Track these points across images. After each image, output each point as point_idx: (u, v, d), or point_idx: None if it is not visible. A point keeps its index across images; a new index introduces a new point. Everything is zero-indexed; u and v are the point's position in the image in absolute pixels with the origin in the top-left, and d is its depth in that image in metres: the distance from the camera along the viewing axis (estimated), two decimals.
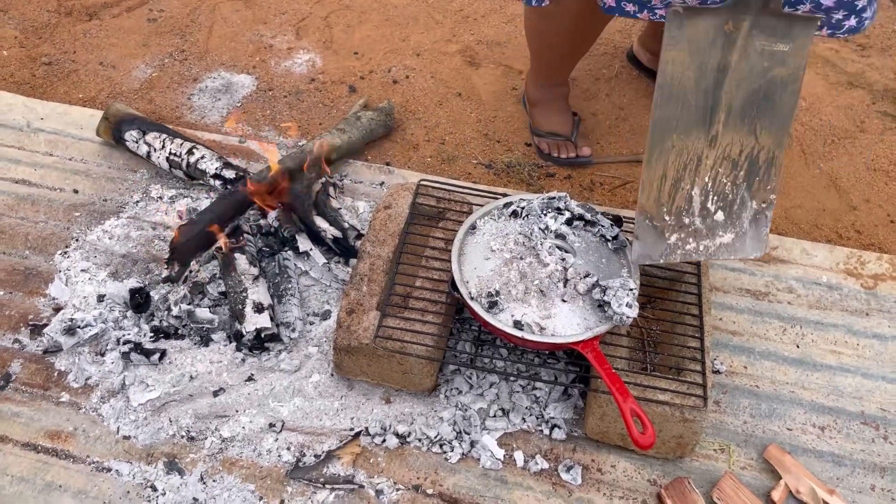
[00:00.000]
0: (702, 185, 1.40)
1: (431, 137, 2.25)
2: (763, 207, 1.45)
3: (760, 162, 1.41)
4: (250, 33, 2.56)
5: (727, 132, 1.37)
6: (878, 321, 1.81)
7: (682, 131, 1.35)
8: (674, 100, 1.32)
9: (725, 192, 1.42)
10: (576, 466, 1.54)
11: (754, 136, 1.38)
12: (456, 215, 1.75)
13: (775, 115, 1.38)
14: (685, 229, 1.42)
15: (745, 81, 1.33)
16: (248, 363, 1.66)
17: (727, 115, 1.36)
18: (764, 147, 1.40)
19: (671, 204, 1.39)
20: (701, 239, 1.43)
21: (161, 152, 1.97)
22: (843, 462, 1.58)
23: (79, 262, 1.83)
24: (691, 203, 1.40)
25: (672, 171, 1.37)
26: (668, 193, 1.39)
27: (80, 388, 1.63)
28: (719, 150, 1.38)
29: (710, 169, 1.39)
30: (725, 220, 1.43)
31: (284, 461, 1.54)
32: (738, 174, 1.41)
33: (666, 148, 1.36)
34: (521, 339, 1.44)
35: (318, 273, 1.81)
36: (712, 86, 1.33)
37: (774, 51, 1.31)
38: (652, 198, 1.38)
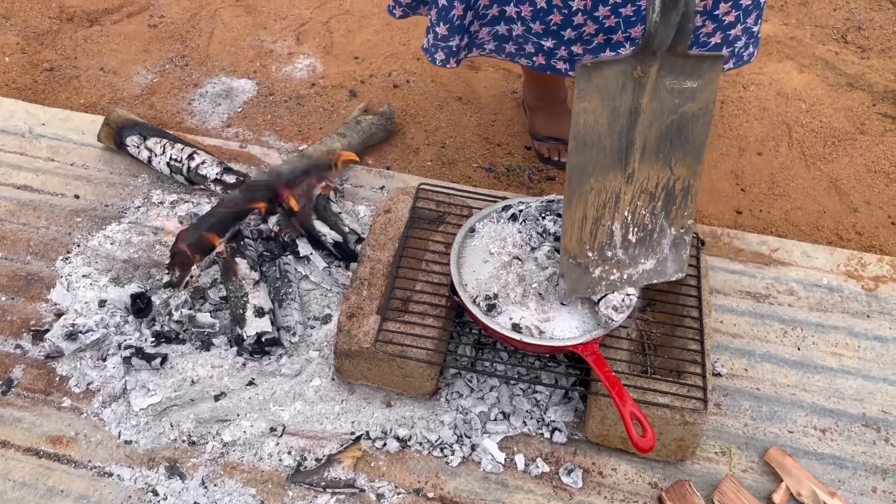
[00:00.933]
0: (621, 219, 1.44)
1: (431, 141, 2.26)
2: (682, 233, 1.49)
3: (677, 192, 1.45)
4: (251, 38, 2.57)
5: (643, 168, 1.40)
6: (879, 323, 1.81)
7: (599, 174, 1.38)
8: (588, 147, 1.34)
9: (645, 222, 1.46)
10: (576, 470, 1.54)
11: (669, 168, 1.42)
12: (456, 219, 1.75)
13: (688, 147, 1.41)
14: (608, 262, 1.46)
15: (657, 120, 1.36)
16: (249, 367, 1.67)
17: (642, 152, 1.38)
18: (679, 177, 1.43)
19: (593, 241, 1.43)
20: (624, 269, 1.47)
21: (162, 157, 1.98)
22: (845, 464, 1.58)
23: (80, 268, 1.84)
24: (612, 237, 1.44)
25: (592, 211, 1.41)
26: (589, 232, 1.42)
27: (82, 393, 1.63)
28: (636, 185, 1.41)
29: (629, 203, 1.43)
30: (647, 249, 1.48)
31: (285, 465, 1.54)
32: (656, 205, 1.45)
33: (584, 191, 1.39)
34: (520, 342, 1.44)
35: (318, 277, 1.82)
36: (626, 128, 1.35)
37: (684, 88, 1.34)
38: (574, 238, 1.42)
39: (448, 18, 1.64)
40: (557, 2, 1.58)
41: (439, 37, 1.69)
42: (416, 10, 1.84)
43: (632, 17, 1.57)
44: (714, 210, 2.08)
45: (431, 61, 1.76)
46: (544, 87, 2.15)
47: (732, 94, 2.41)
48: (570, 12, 1.59)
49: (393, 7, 1.84)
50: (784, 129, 2.31)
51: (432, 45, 1.73)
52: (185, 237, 1.72)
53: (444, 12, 1.63)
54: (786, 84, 2.45)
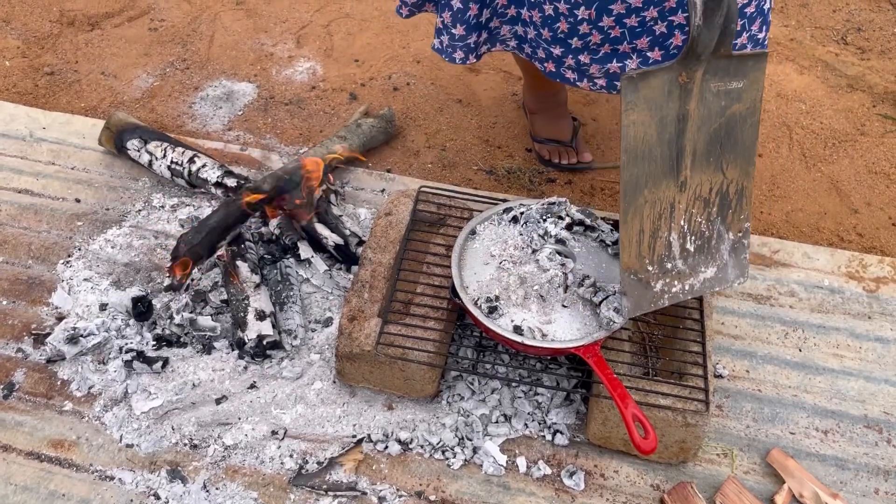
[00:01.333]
0: (678, 229, 1.42)
1: (432, 144, 2.26)
2: (739, 237, 1.48)
3: (731, 195, 1.44)
4: (251, 42, 2.57)
5: (695, 174, 1.39)
6: (880, 324, 1.80)
7: (652, 185, 1.37)
8: (640, 159, 1.33)
9: (702, 230, 1.44)
10: (578, 472, 1.54)
11: (721, 172, 1.41)
12: (457, 221, 1.75)
13: (739, 149, 1.40)
14: (669, 274, 1.44)
15: (705, 124, 1.36)
16: (250, 371, 1.67)
17: (693, 159, 1.38)
18: (732, 181, 1.43)
19: (652, 255, 1.42)
20: (685, 279, 1.46)
21: (163, 161, 1.98)
22: (847, 466, 1.58)
23: (81, 272, 1.84)
24: (671, 248, 1.43)
25: (648, 224, 1.39)
26: (647, 245, 1.41)
27: (83, 396, 1.63)
28: (690, 192, 1.40)
29: (685, 212, 1.41)
30: (706, 257, 1.46)
31: (287, 468, 1.54)
32: (712, 211, 1.43)
33: (639, 204, 1.37)
34: (522, 344, 1.44)
35: (319, 280, 1.82)
36: (675, 135, 1.34)
37: (730, 89, 1.34)
38: (633, 254, 1.40)
39: (465, 20, 1.65)
40: (564, 10, 1.58)
41: (457, 37, 1.69)
42: (423, 7, 1.85)
43: (637, 29, 1.57)
44: None
45: (450, 61, 1.76)
46: (544, 90, 2.15)
47: None
48: (575, 21, 1.59)
49: (400, 7, 1.85)
50: (784, 130, 2.31)
51: (448, 45, 1.73)
52: (186, 240, 1.72)
53: (459, 14, 1.64)
54: (786, 85, 2.45)
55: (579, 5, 1.56)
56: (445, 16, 1.67)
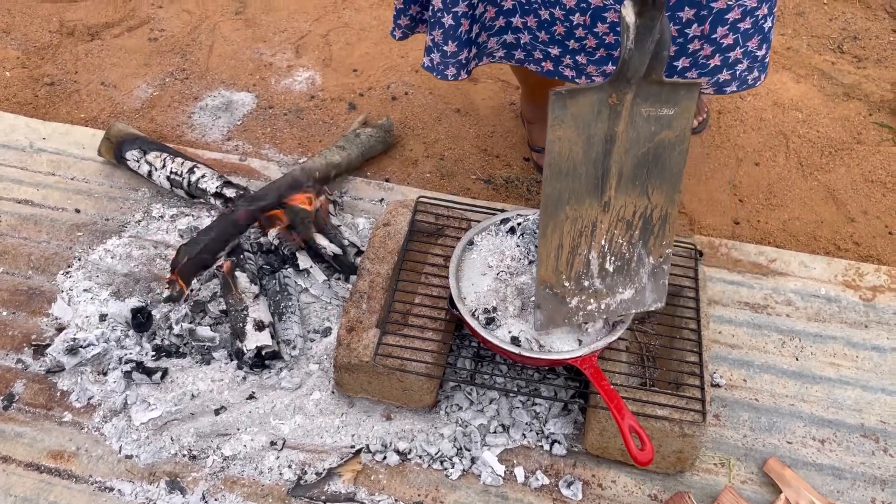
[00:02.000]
0: (598, 248, 1.44)
1: (430, 153, 2.27)
2: (660, 262, 1.49)
3: (654, 220, 1.44)
4: (250, 52, 2.58)
5: (620, 196, 1.40)
6: (876, 333, 1.81)
7: (574, 202, 1.38)
8: (564, 175, 1.35)
9: (622, 251, 1.45)
10: (576, 482, 1.54)
11: (646, 196, 1.42)
12: (455, 231, 1.76)
13: (666, 175, 1.41)
14: (585, 292, 1.46)
15: (633, 147, 1.36)
16: (249, 381, 1.67)
17: (618, 180, 1.38)
18: (657, 206, 1.43)
19: (570, 270, 1.43)
20: (602, 299, 1.47)
21: (162, 171, 1.99)
22: (844, 475, 1.58)
23: (81, 282, 1.84)
24: (589, 267, 1.44)
25: (568, 241, 1.41)
26: (565, 261, 1.42)
27: (83, 407, 1.64)
28: (613, 213, 1.41)
29: (606, 232, 1.43)
30: (625, 278, 1.47)
31: (286, 479, 1.54)
32: (634, 233, 1.44)
33: (560, 220, 1.39)
34: (519, 355, 1.45)
35: (318, 290, 1.82)
36: (601, 155, 1.35)
37: (661, 115, 1.34)
38: (550, 268, 1.42)
39: (456, 36, 1.66)
40: (559, 15, 1.59)
41: (448, 54, 1.70)
42: (415, 29, 1.87)
43: None
44: (712, 221, 2.09)
45: (442, 78, 1.77)
46: (542, 100, 2.16)
47: (729, 104, 2.42)
48: (571, 26, 1.60)
49: (394, 30, 1.87)
50: (781, 139, 2.32)
51: (440, 63, 1.74)
52: (185, 251, 1.73)
53: (451, 31, 1.65)
54: (782, 94, 2.46)
55: (574, 12, 1.58)
56: (436, 34, 1.69)
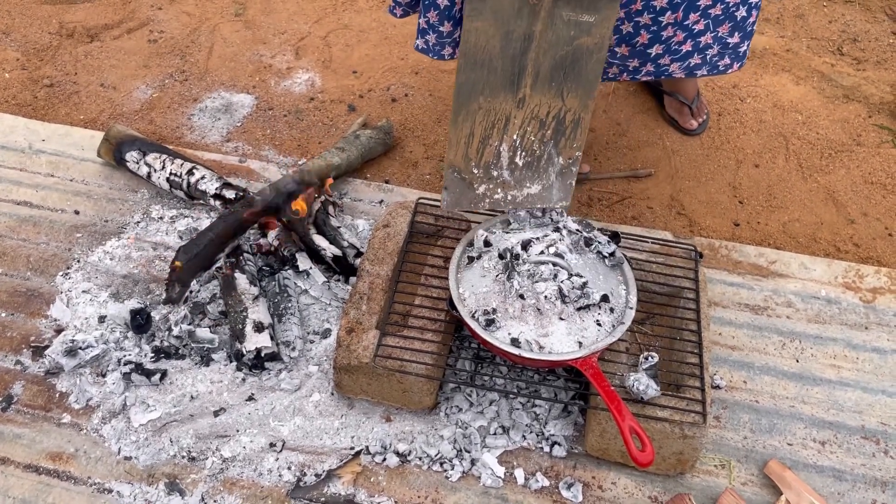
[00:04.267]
0: (510, 142, 1.49)
1: (430, 155, 2.26)
2: (569, 163, 1.55)
3: (567, 122, 1.50)
4: (250, 53, 2.58)
5: (535, 95, 1.45)
6: (877, 335, 1.81)
7: (488, 94, 1.43)
8: (479, 66, 1.39)
9: (533, 148, 1.51)
10: (576, 484, 1.54)
11: (561, 98, 1.47)
12: (454, 233, 1.76)
13: (581, 80, 1.46)
14: (493, 181, 1.52)
15: (551, 49, 1.40)
16: (248, 383, 1.67)
17: (534, 79, 1.43)
18: (571, 109, 1.48)
19: (479, 159, 1.49)
20: (509, 190, 1.53)
21: (161, 173, 1.99)
22: (844, 477, 1.58)
23: (80, 284, 1.84)
24: (499, 158, 1.50)
25: (479, 130, 1.47)
26: (476, 149, 1.48)
27: (82, 409, 1.63)
28: (527, 110, 1.47)
29: (519, 128, 1.48)
30: (533, 174, 1.53)
31: (285, 481, 1.54)
32: (546, 133, 1.50)
33: (472, 109, 1.44)
34: (519, 356, 1.45)
35: (317, 292, 1.82)
36: (518, 53, 1.39)
37: (580, 21, 1.38)
38: (459, 154, 1.48)
39: (451, 16, 1.69)
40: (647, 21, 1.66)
41: (444, 34, 1.73)
42: (415, 8, 1.87)
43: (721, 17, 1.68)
44: (711, 222, 2.09)
45: (438, 58, 1.80)
46: None
47: (729, 106, 2.42)
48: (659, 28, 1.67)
49: (394, 7, 1.88)
50: (781, 140, 2.32)
51: (436, 43, 1.76)
52: (184, 252, 1.72)
53: (446, 11, 1.68)
54: (782, 96, 2.46)
55: (665, 10, 1.63)
56: (431, 15, 1.71)
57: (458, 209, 1.54)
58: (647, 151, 2.28)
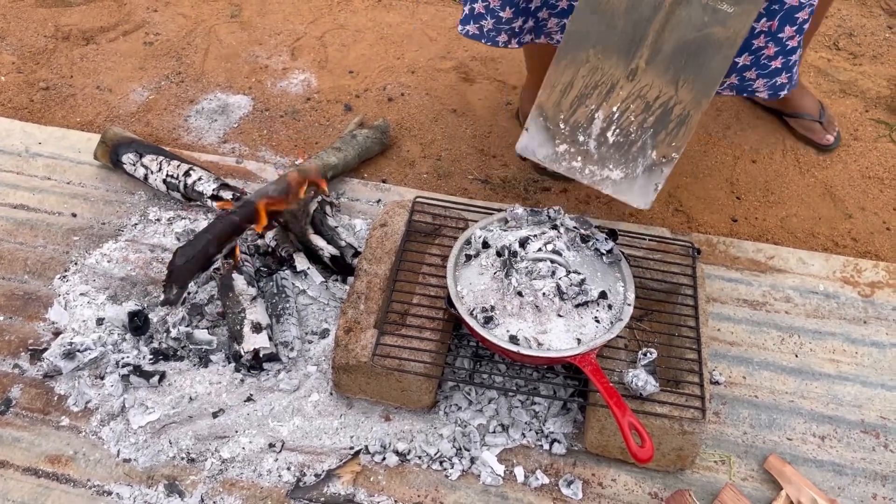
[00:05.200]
0: (608, 112, 1.37)
1: (427, 154, 2.26)
2: (662, 161, 1.41)
3: (673, 115, 1.37)
4: (246, 54, 2.58)
5: (648, 72, 1.34)
6: (875, 329, 1.81)
7: (601, 50, 1.32)
8: (599, 16, 1.29)
9: (630, 129, 1.39)
10: (576, 481, 1.54)
11: (675, 86, 1.35)
12: (452, 231, 1.76)
13: (701, 74, 1.34)
14: (576, 145, 1.40)
15: (679, 29, 1.30)
16: (247, 383, 1.67)
17: (653, 54, 1.32)
18: (682, 102, 1.36)
19: (570, 115, 1.37)
20: (589, 163, 1.41)
21: (158, 174, 1.99)
22: (844, 471, 1.58)
23: (78, 286, 1.84)
24: (591, 124, 1.38)
25: (580, 84, 1.35)
26: (570, 103, 1.36)
27: (80, 411, 1.63)
28: (636, 86, 1.35)
29: (622, 101, 1.36)
30: (620, 157, 1.41)
31: (285, 481, 1.54)
32: (648, 118, 1.37)
33: (580, 59, 1.33)
34: (518, 353, 1.44)
35: (315, 292, 1.82)
36: (644, 19, 1.29)
37: (718, 8, 1.28)
38: (552, 99, 1.36)
39: (513, 3, 1.62)
40: None
41: (503, 20, 1.65)
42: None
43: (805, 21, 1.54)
44: (709, 218, 2.09)
45: (492, 44, 1.74)
46: None
47: (727, 100, 2.42)
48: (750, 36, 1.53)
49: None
50: (778, 136, 2.32)
51: (492, 29, 1.69)
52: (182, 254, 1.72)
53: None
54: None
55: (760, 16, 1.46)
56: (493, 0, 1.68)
57: (532, 158, 1.40)
58: None
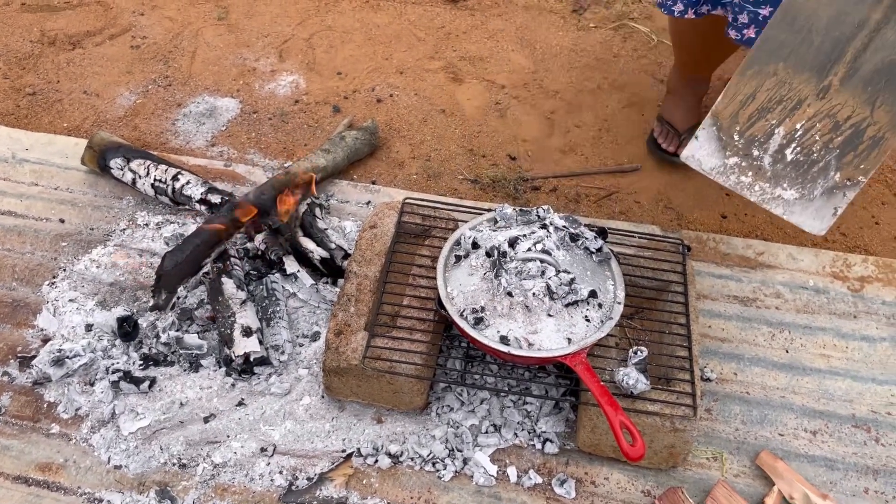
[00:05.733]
0: (790, 128, 1.32)
1: (417, 154, 2.26)
2: (846, 184, 1.34)
3: (865, 137, 1.31)
4: (233, 57, 2.57)
5: (843, 92, 1.29)
6: (865, 323, 1.81)
7: (791, 65, 1.27)
8: (794, 29, 1.24)
9: (813, 148, 1.33)
10: (569, 480, 1.54)
11: (871, 107, 1.29)
12: (442, 232, 1.76)
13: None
14: (749, 160, 1.34)
15: (883, 50, 1.24)
16: (238, 388, 1.66)
17: (849, 74, 1.27)
18: (876, 123, 1.30)
19: (747, 128, 1.33)
20: (761, 179, 1.35)
21: (146, 179, 1.98)
22: (836, 466, 1.58)
23: (66, 293, 1.83)
24: (769, 140, 1.33)
25: (763, 97, 1.30)
26: (748, 116, 1.32)
27: (70, 418, 1.62)
28: (826, 105, 1.30)
29: (808, 119, 1.31)
30: (797, 176, 1.35)
31: (277, 485, 1.53)
32: (835, 138, 1.31)
33: (766, 71, 1.28)
34: (508, 354, 1.44)
35: (306, 295, 1.81)
36: (844, 39, 1.24)
37: None
38: (730, 110, 1.32)
39: None
40: None
41: None
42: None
43: None
44: (699, 215, 2.09)
45: (668, 13, 1.75)
46: (692, 74, 2.17)
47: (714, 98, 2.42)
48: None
49: None
50: None
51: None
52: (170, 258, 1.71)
53: None
54: None
55: None
56: None
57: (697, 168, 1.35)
58: (634, 146, 2.28)
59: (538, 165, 2.23)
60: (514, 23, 2.72)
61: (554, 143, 2.30)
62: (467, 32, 2.68)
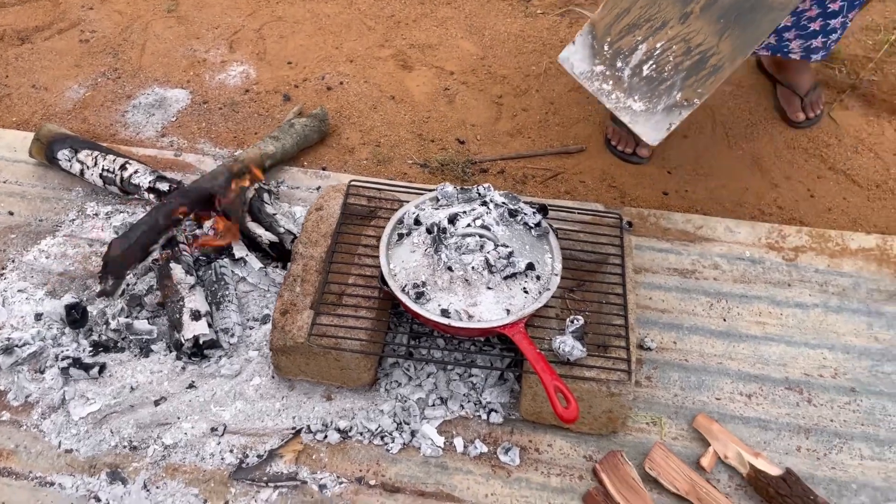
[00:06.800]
0: (650, 47, 1.44)
1: (367, 140, 2.29)
2: (683, 104, 1.48)
3: (708, 64, 1.44)
4: (183, 49, 2.58)
5: (700, 19, 1.40)
6: (799, 291, 1.88)
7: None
8: None
9: (665, 68, 1.45)
10: (514, 448, 1.58)
11: (719, 38, 1.41)
12: (387, 213, 1.79)
13: (746, 32, 1.41)
14: (613, 70, 1.46)
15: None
16: (188, 371, 1.68)
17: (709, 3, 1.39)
18: (719, 53, 1.43)
19: (617, 40, 1.44)
20: (618, 89, 1.48)
21: (94, 169, 1.99)
22: (770, 426, 1.65)
23: (15, 283, 1.84)
24: (632, 54, 1.45)
25: (636, 14, 1.41)
26: (620, 29, 1.43)
27: (21, 406, 1.63)
28: (684, 29, 1.42)
29: (667, 40, 1.43)
30: (646, 91, 1.47)
31: (227, 463, 1.56)
32: (685, 61, 1.44)
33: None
34: (450, 326, 1.48)
35: (255, 278, 1.84)
36: None
37: None
38: (605, 21, 1.43)
39: None
40: None
41: None
42: None
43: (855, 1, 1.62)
44: (642, 193, 2.15)
45: None
46: None
47: None
48: None
49: None
50: (708, 112, 2.39)
51: None
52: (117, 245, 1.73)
53: None
54: None
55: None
56: None
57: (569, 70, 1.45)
58: (579, 128, 2.33)
59: (486, 149, 2.28)
60: (463, 11, 2.76)
61: (502, 126, 2.35)
62: (417, 21, 2.72)
